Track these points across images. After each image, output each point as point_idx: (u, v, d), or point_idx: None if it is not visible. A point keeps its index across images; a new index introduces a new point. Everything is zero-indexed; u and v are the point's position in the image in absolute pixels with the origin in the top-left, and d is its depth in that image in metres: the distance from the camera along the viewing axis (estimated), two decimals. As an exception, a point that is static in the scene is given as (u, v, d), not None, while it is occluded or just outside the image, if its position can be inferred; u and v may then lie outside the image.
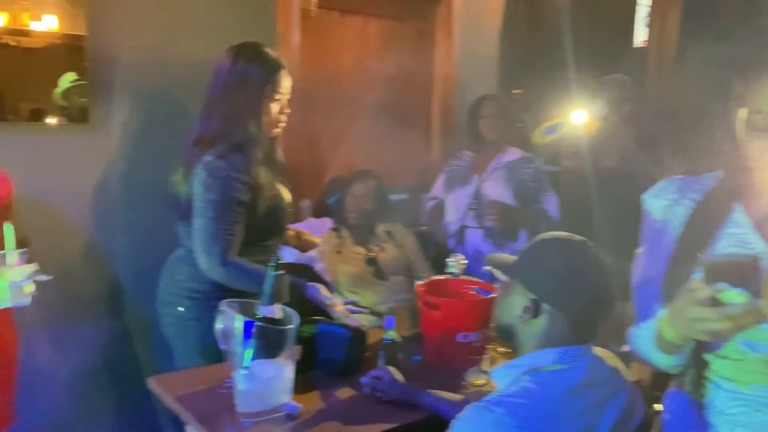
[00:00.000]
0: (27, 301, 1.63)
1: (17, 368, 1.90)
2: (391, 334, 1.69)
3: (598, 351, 1.21)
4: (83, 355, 2.32)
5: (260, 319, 1.48)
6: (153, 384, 1.64)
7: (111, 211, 2.35)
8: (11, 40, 2.14)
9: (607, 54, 3.06)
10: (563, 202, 2.63)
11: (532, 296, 1.16)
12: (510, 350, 1.72)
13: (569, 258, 1.18)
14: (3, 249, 1.60)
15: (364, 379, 1.60)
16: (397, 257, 2.51)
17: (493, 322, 1.60)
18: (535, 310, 1.16)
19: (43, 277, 1.64)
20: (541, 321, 1.16)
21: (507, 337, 1.23)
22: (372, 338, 1.84)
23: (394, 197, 2.71)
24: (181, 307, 1.86)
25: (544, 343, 1.16)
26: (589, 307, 1.16)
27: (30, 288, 1.62)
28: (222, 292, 1.78)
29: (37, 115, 2.22)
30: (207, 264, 1.77)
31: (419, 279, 2.06)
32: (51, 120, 2.24)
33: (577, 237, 1.21)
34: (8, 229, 1.60)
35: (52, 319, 2.12)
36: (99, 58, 2.26)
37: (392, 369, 1.60)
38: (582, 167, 2.59)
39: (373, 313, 2.31)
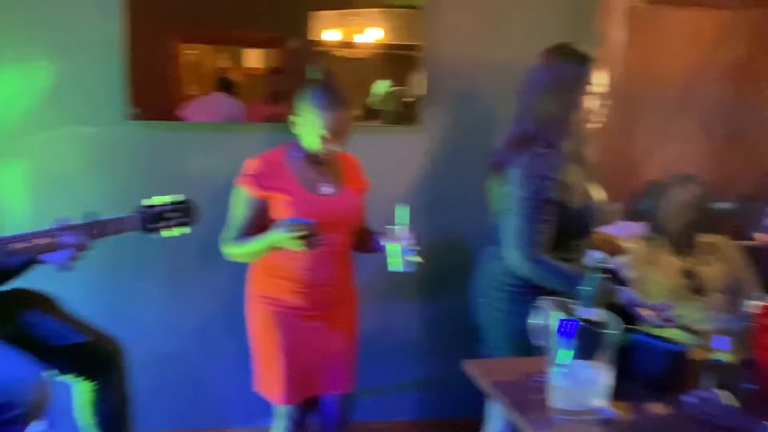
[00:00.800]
0: (413, 269, 1.91)
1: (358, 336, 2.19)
2: (723, 355, 1.54)
3: None
4: (401, 331, 2.60)
5: (580, 320, 1.47)
6: (469, 367, 1.75)
7: (433, 206, 2.57)
8: (342, 52, 2.49)
9: None
10: None
11: None
12: None
13: None
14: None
15: (688, 399, 1.49)
16: (721, 273, 2.26)
17: None
18: None
19: (417, 258, 1.90)
20: None
21: None
22: (691, 356, 1.70)
23: (720, 206, 2.45)
24: (498, 301, 1.95)
25: None
26: None
27: (417, 259, 1.89)
28: (534, 288, 1.83)
29: (363, 118, 2.53)
30: (515, 259, 1.84)
31: (750, 299, 1.84)
32: (375, 123, 2.53)
33: None
34: (404, 210, 1.89)
35: (375, 297, 2.41)
36: (429, 65, 2.49)
37: (723, 393, 1.46)
38: None
39: (686, 329, 2.14)
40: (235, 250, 1.99)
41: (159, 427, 2.51)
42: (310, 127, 1.93)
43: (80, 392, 1.88)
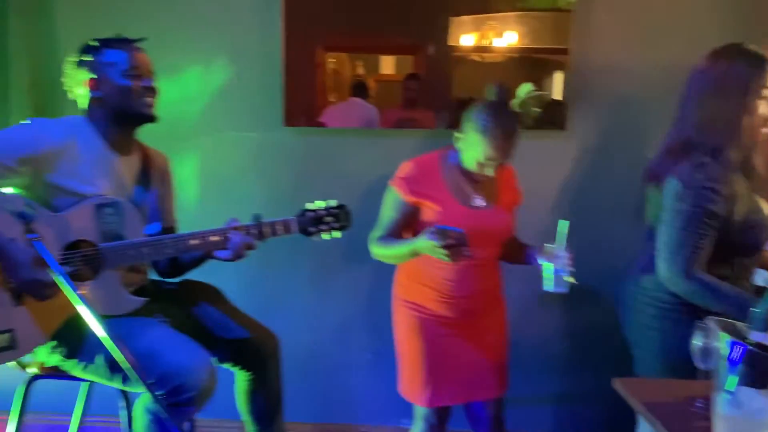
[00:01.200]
0: (566, 289, 1.84)
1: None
2: None
3: None
4: (545, 342, 2.54)
5: (751, 344, 1.37)
6: (618, 385, 1.68)
7: (581, 214, 2.48)
8: (476, 56, 2.47)
9: None
10: None
11: None
12: None
13: None
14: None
15: None
16: None
17: None
18: None
19: (571, 279, 1.84)
20: None
21: None
22: None
23: None
24: (650, 317, 1.85)
25: None
26: None
27: (570, 280, 1.83)
28: (689, 305, 1.73)
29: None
30: (668, 273, 1.74)
31: None
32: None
33: None
34: (563, 225, 1.84)
35: (520, 306, 2.37)
36: (575, 68, 2.42)
37: None
38: None
39: None
40: (379, 251, 1.99)
41: (297, 419, 2.62)
42: (471, 148, 1.89)
43: (238, 380, 2.02)
